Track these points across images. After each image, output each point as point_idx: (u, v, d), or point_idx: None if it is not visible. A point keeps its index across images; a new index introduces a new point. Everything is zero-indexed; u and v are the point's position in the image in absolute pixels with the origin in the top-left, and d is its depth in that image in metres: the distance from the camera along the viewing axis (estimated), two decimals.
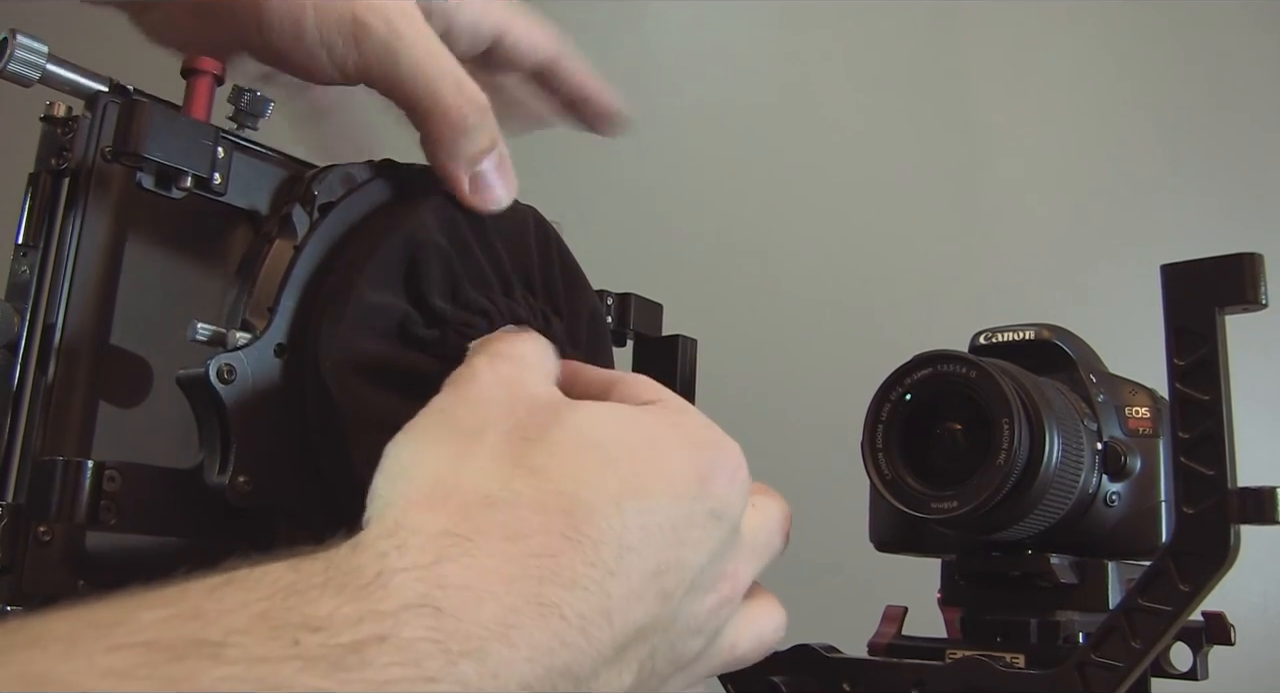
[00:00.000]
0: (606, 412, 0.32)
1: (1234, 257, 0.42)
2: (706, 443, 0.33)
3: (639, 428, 0.32)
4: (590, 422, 0.31)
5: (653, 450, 0.31)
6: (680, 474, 0.31)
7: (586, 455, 0.30)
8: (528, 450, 0.30)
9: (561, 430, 0.31)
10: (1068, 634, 0.51)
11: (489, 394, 0.32)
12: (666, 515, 0.30)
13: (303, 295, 0.38)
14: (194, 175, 0.39)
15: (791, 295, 1.28)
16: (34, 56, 0.38)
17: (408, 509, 0.28)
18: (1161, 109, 1.29)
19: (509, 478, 0.29)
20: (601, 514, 0.29)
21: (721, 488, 0.33)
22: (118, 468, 0.35)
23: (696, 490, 0.32)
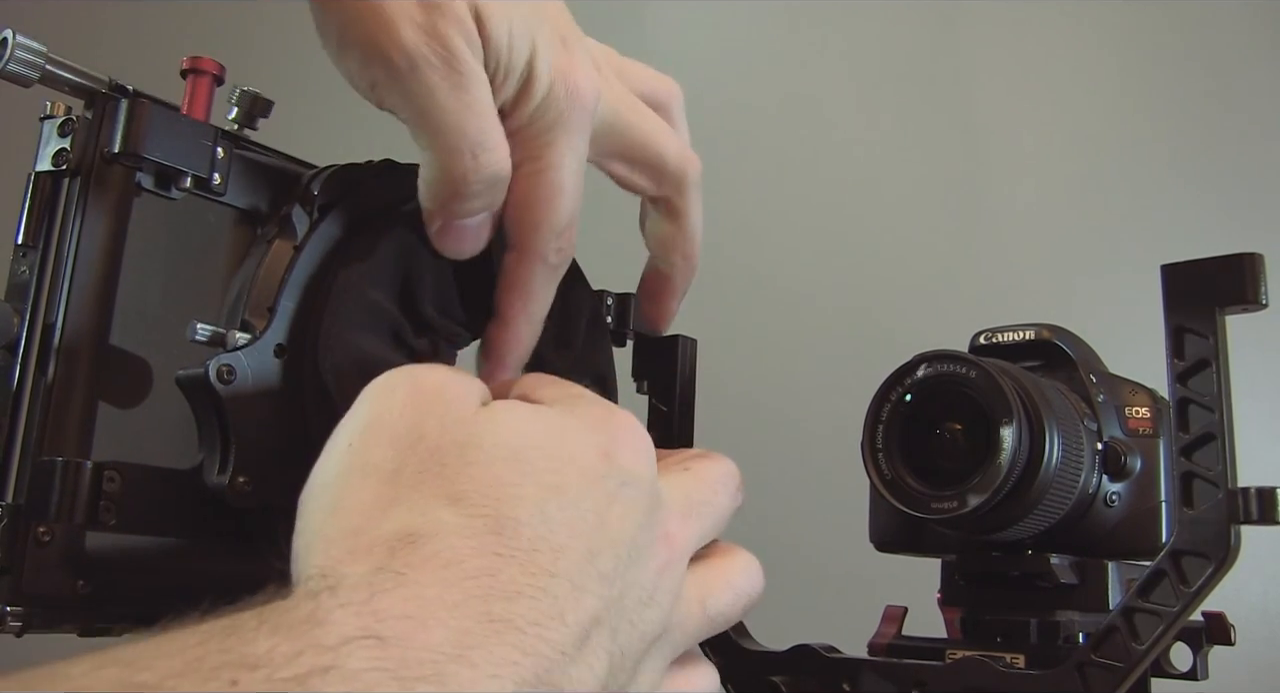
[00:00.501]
0: (513, 418, 0.32)
1: (1234, 257, 0.42)
2: (601, 421, 0.34)
3: (543, 424, 0.32)
4: (502, 433, 0.31)
5: (560, 444, 0.32)
6: (588, 458, 0.32)
7: (503, 470, 0.30)
8: (446, 479, 0.30)
9: (476, 450, 0.30)
10: (1068, 634, 0.51)
11: (403, 426, 0.31)
12: (586, 503, 0.31)
13: (302, 296, 0.38)
14: (193, 175, 0.39)
15: (791, 295, 1.28)
16: (33, 56, 0.38)
17: (334, 564, 0.28)
18: (1162, 109, 1.29)
19: (431, 510, 0.29)
20: (528, 525, 0.29)
21: (626, 459, 0.33)
22: (117, 468, 0.35)
23: (604, 468, 0.32)
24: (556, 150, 0.40)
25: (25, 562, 0.35)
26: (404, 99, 0.37)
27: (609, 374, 0.49)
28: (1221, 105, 1.28)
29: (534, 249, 0.41)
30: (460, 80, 0.36)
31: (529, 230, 0.40)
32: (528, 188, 0.40)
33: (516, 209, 0.40)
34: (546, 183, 0.40)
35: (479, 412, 0.32)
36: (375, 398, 0.32)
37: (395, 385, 0.32)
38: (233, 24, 1.42)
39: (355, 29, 0.36)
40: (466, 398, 0.32)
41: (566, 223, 0.41)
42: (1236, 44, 1.30)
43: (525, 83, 0.38)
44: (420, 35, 0.36)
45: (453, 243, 0.41)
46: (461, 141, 0.37)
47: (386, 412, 0.32)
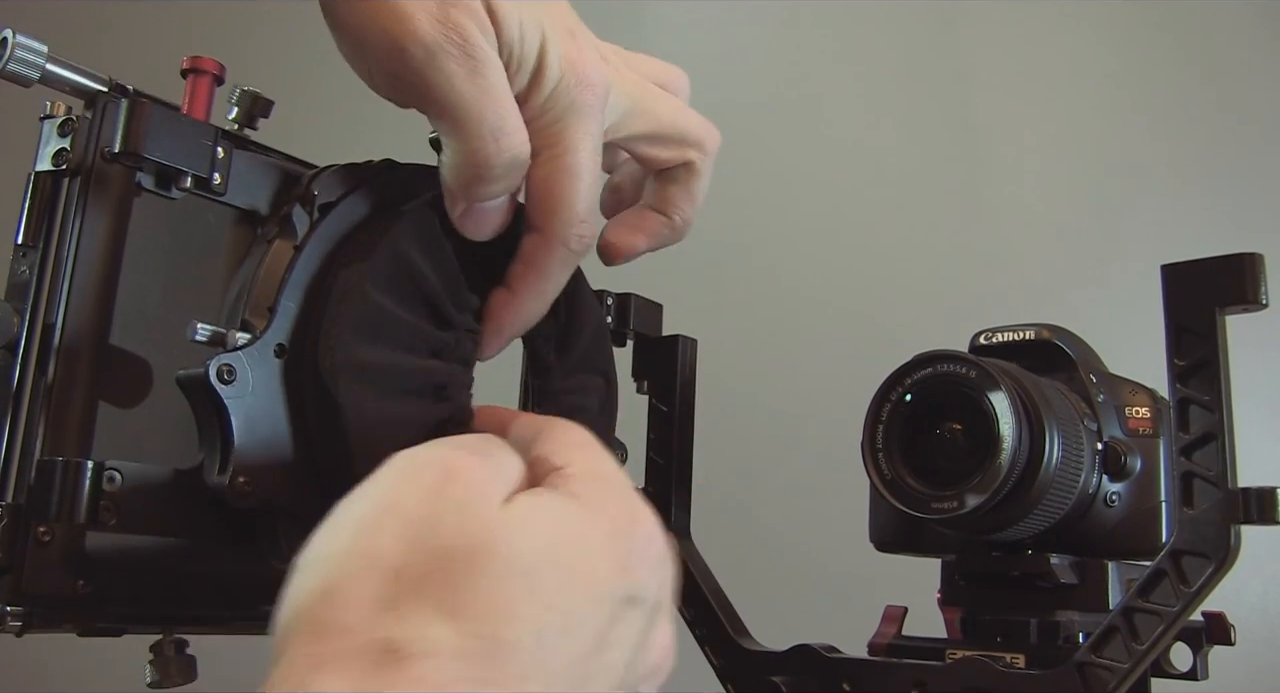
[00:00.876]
0: (535, 524, 0.30)
1: (1234, 257, 0.42)
2: (625, 525, 0.33)
3: (566, 534, 0.31)
4: (519, 544, 0.29)
5: (579, 558, 0.30)
6: (602, 574, 0.31)
7: (511, 587, 0.29)
8: (450, 588, 0.28)
9: (489, 560, 0.29)
10: (1068, 634, 0.51)
11: (419, 516, 0.30)
12: (588, 626, 0.30)
13: (303, 296, 0.38)
14: (193, 175, 0.39)
15: (791, 295, 1.28)
16: (33, 56, 0.38)
17: (314, 668, 0.27)
18: (1162, 109, 1.29)
19: (428, 624, 0.27)
20: (525, 650, 0.28)
21: (640, 573, 0.32)
22: (117, 468, 0.35)
23: (616, 584, 0.31)
24: (571, 136, 0.41)
25: (25, 562, 0.35)
26: (424, 89, 0.38)
27: (605, 376, 0.49)
28: (1221, 105, 1.28)
29: (555, 233, 0.42)
30: (477, 66, 0.37)
31: (550, 214, 0.41)
32: (546, 173, 0.41)
33: (537, 194, 0.41)
34: (564, 168, 0.41)
35: (501, 511, 0.30)
36: (400, 476, 0.31)
37: (422, 467, 0.31)
38: (233, 24, 1.42)
39: (372, 26, 0.37)
40: (492, 491, 0.31)
41: (587, 208, 0.42)
42: (1236, 44, 1.30)
43: (537, 72, 0.39)
44: (436, 26, 0.36)
45: (474, 225, 0.42)
46: (482, 126, 0.38)
47: (406, 496, 0.30)
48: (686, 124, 0.47)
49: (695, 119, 0.47)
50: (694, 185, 0.48)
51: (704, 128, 0.48)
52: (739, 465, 1.08)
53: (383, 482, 0.31)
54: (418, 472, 0.31)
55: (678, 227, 0.49)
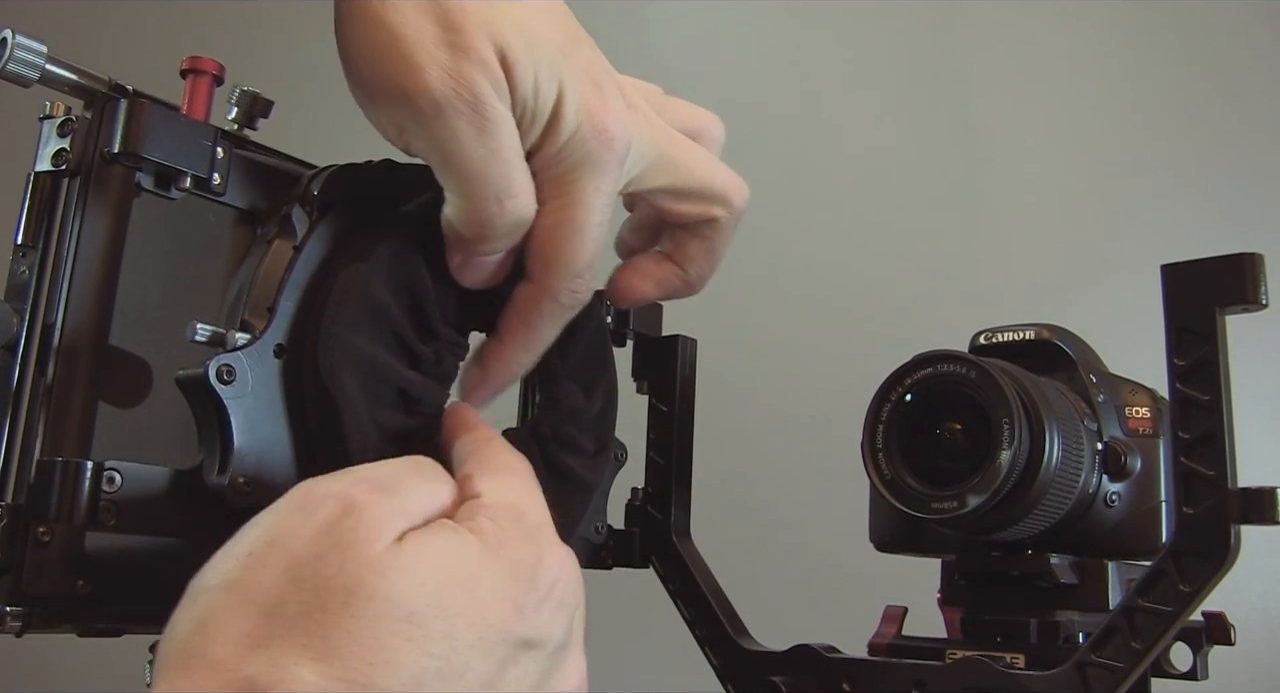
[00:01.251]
0: (422, 565, 0.29)
1: (1234, 257, 0.42)
2: (527, 566, 0.31)
3: (454, 574, 0.30)
4: (400, 585, 0.28)
5: (467, 599, 0.29)
6: (494, 617, 0.30)
7: (392, 632, 0.28)
8: (324, 628, 0.27)
9: (366, 602, 0.28)
10: (1068, 634, 0.51)
11: (305, 553, 0.29)
12: (474, 672, 0.29)
13: (302, 296, 0.38)
14: (193, 176, 0.39)
15: (791, 295, 1.28)
16: (33, 56, 0.38)
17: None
18: (1162, 109, 1.29)
19: (293, 665, 0.27)
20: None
21: (541, 617, 0.31)
22: (117, 469, 0.35)
23: (510, 627, 0.30)
24: (580, 191, 0.39)
25: (25, 562, 0.35)
26: (429, 144, 0.37)
27: (606, 377, 0.49)
28: (1221, 105, 1.28)
29: (548, 285, 0.41)
30: (486, 125, 0.36)
31: (546, 266, 0.40)
32: (550, 226, 0.40)
33: (537, 244, 0.40)
34: (568, 221, 0.39)
35: (387, 552, 0.29)
36: (295, 509, 0.30)
37: (320, 501, 0.30)
38: (233, 24, 1.42)
39: (381, 74, 0.36)
40: (384, 529, 0.30)
41: (585, 264, 0.40)
42: (1237, 44, 1.30)
43: (551, 124, 0.38)
44: (446, 80, 0.35)
45: (472, 276, 0.41)
46: (486, 187, 0.37)
47: (298, 530, 0.29)
48: (712, 180, 0.45)
49: (724, 175, 0.46)
50: (716, 242, 0.47)
51: (732, 184, 0.46)
52: (739, 465, 1.08)
53: (278, 513, 0.30)
54: (314, 506, 0.30)
55: (691, 282, 0.48)
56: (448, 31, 0.36)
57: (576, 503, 0.46)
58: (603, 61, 0.40)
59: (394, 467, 0.33)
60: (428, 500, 0.32)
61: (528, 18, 0.37)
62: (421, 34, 0.36)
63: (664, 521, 0.55)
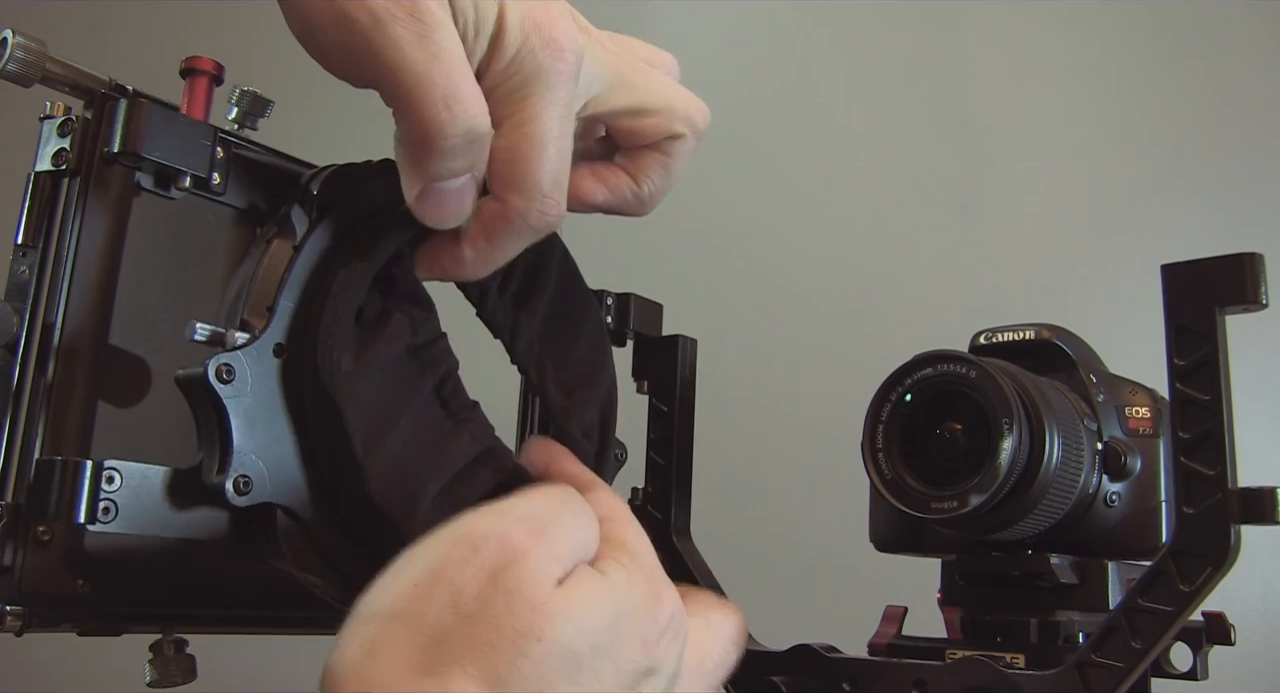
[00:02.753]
0: (581, 609, 0.32)
1: (1234, 257, 0.42)
2: (651, 602, 0.35)
3: (603, 615, 0.33)
4: (565, 630, 0.31)
5: (614, 637, 0.33)
6: (631, 650, 0.33)
7: (550, 669, 0.31)
8: (492, 662, 0.30)
9: (535, 645, 0.31)
10: (1068, 634, 0.51)
11: (471, 591, 0.31)
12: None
13: (302, 295, 0.38)
14: (192, 175, 0.39)
15: (791, 295, 1.28)
16: (33, 57, 0.38)
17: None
18: (1161, 109, 1.29)
19: (467, 684, 0.29)
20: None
21: (662, 649, 0.34)
22: (117, 468, 0.35)
23: (640, 659, 0.33)
24: (535, 105, 0.38)
25: (25, 561, 0.35)
26: (371, 58, 0.36)
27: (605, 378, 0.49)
28: (1221, 105, 1.28)
29: (514, 205, 0.39)
30: (425, 30, 0.35)
31: (510, 185, 0.39)
32: (508, 144, 0.38)
33: (498, 163, 0.39)
34: (525, 137, 0.38)
35: (550, 596, 0.32)
36: (458, 547, 0.32)
37: (482, 542, 0.32)
38: (233, 24, 1.42)
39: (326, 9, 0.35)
40: (544, 576, 0.32)
41: (550, 182, 0.39)
42: (1236, 44, 1.30)
43: (496, 36, 0.37)
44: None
45: (433, 209, 0.39)
46: (432, 91, 0.36)
47: (464, 568, 0.32)
48: (673, 99, 0.44)
49: (684, 94, 0.44)
50: (675, 160, 0.45)
51: (693, 104, 0.45)
52: (739, 465, 1.08)
53: (440, 547, 0.32)
54: (477, 544, 0.32)
55: (644, 197, 0.45)
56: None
57: None
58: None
59: (549, 504, 0.35)
60: (577, 542, 0.35)
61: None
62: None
63: (664, 520, 0.55)
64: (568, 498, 0.36)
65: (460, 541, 0.32)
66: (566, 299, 0.47)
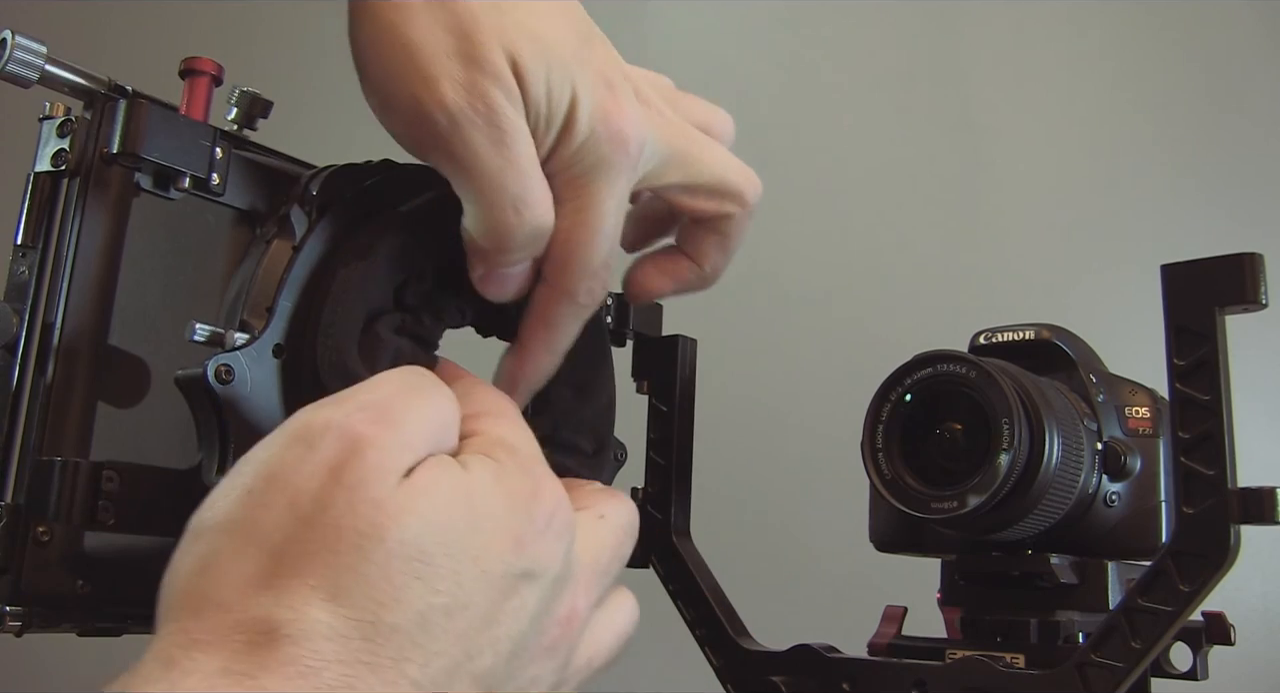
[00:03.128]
0: (430, 502, 0.29)
1: (1234, 257, 0.42)
2: (524, 499, 0.32)
3: (460, 509, 0.30)
4: (410, 527, 0.29)
5: (472, 535, 0.30)
6: (496, 549, 0.30)
7: (397, 573, 0.28)
8: (334, 569, 0.28)
9: (383, 545, 0.28)
10: (1068, 634, 0.51)
11: (309, 491, 0.28)
12: (476, 605, 0.30)
13: (301, 296, 0.38)
14: (192, 176, 0.39)
15: (791, 295, 1.28)
16: (33, 57, 0.38)
17: (186, 645, 0.27)
18: (1161, 109, 1.29)
19: (305, 605, 0.27)
20: (405, 632, 0.28)
21: (539, 548, 0.31)
22: (116, 468, 0.35)
23: (511, 560, 0.30)
24: (594, 192, 0.39)
25: (25, 562, 0.35)
26: (445, 155, 0.37)
27: (604, 378, 0.49)
28: (1221, 105, 1.28)
29: (564, 286, 0.41)
30: (502, 136, 0.36)
31: (561, 267, 0.41)
32: (565, 228, 0.40)
33: (553, 246, 0.40)
34: (582, 224, 0.40)
35: (395, 493, 0.29)
36: (294, 442, 0.30)
37: (320, 434, 0.29)
38: (233, 24, 1.42)
39: (398, 87, 0.36)
40: (390, 467, 0.29)
41: (600, 264, 0.41)
42: (1236, 44, 1.30)
43: (565, 129, 0.38)
44: (461, 93, 0.35)
45: (495, 288, 0.41)
46: (504, 197, 0.37)
47: (299, 466, 0.29)
48: (725, 175, 0.45)
49: (736, 169, 0.46)
50: (730, 237, 0.47)
51: (745, 179, 0.46)
52: (739, 465, 1.08)
53: (275, 447, 0.30)
54: (314, 438, 0.29)
55: (707, 276, 0.48)
56: (460, 40, 0.36)
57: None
58: (615, 59, 0.40)
59: (393, 387, 0.32)
60: (430, 428, 0.32)
61: (538, 21, 0.37)
62: (434, 44, 0.35)
63: (664, 521, 0.55)
64: (418, 380, 0.33)
65: (296, 437, 0.30)
66: None
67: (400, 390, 0.32)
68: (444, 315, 0.43)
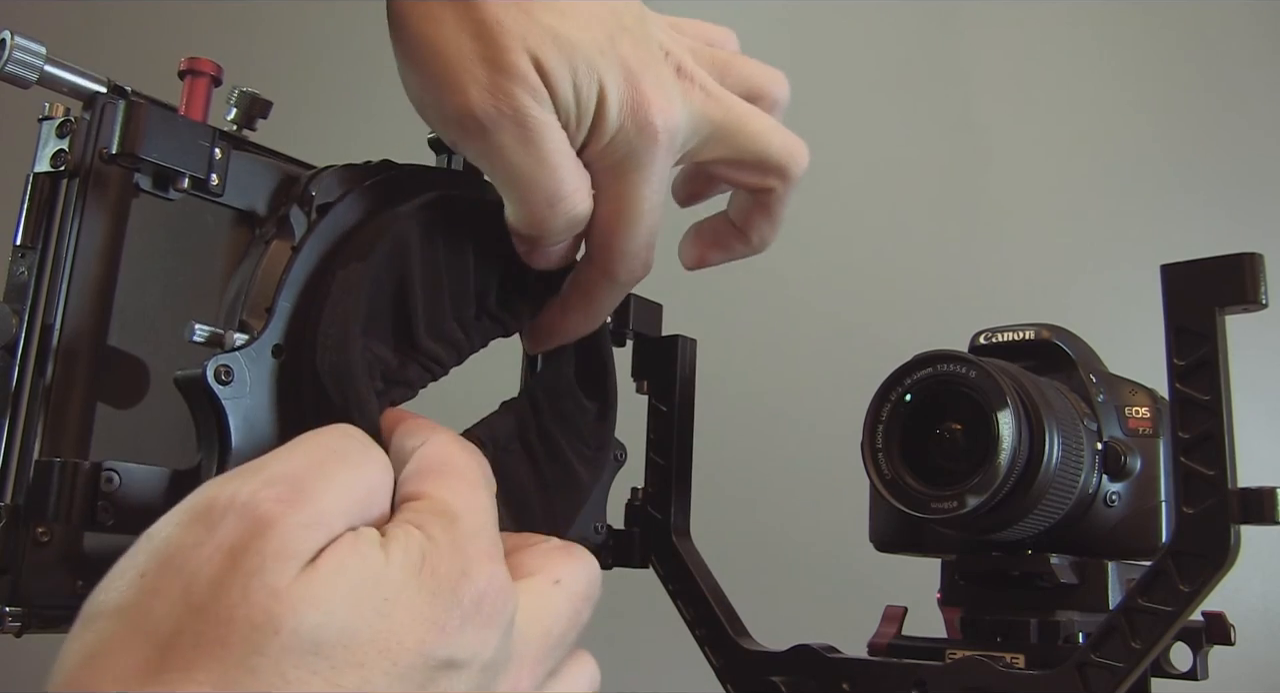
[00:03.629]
0: (331, 593, 0.27)
1: (1234, 257, 0.42)
2: (451, 580, 0.29)
3: (369, 599, 0.27)
4: (308, 618, 0.26)
5: (379, 626, 0.27)
6: (411, 640, 0.28)
7: (297, 666, 0.26)
8: (227, 667, 0.25)
9: (277, 638, 0.26)
10: (1068, 634, 0.51)
11: (204, 578, 0.26)
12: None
13: (300, 296, 0.38)
14: (191, 176, 0.39)
15: (791, 295, 1.28)
16: (32, 58, 0.38)
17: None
18: (1161, 109, 1.29)
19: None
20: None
21: (464, 634, 0.29)
22: (115, 469, 0.35)
23: (430, 649, 0.28)
24: (630, 182, 0.41)
25: (24, 562, 0.35)
26: (479, 156, 0.39)
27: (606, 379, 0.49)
28: (1221, 105, 1.28)
29: (605, 268, 0.43)
30: (530, 136, 0.37)
31: (604, 251, 0.42)
32: (604, 214, 0.41)
33: (595, 231, 0.42)
34: (621, 212, 0.41)
35: (296, 579, 0.27)
36: (195, 521, 0.27)
37: (222, 513, 0.27)
38: (233, 24, 1.42)
39: (430, 94, 0.38)
40: (294, 552, 0.27)
41: (640, 247, 0.42)
42: (1236, 44, 1.30)
43: (596, 122, 0.39)
44: (487, 97, 0.37)
45: (541, 262, 0.43)
46: (537, 194, 0.39)
47: (196, 550, 0.27)
48: (769, 149, 0.45)
49: (780, 143, 0.46)
50: (774, 210, 0.48)
51: (788, 152, 0.46)
52: (739, 465, 1.08)
53: (173, 525, 0.28)
54: (215, 519, 0.27)
55: (754, 245, 0.49)
56: (484, 46, 0.36)
57: (573, 501, 0.46)
58: (648, 43, 0.41)
59: (310, 456, 0.30)
60: (350, 497, 0.30)
61: (562, 21, 0.38)
62: (460, 50, 0.37)
63: (664, 521, 0.55)
64: (341, 443, 0.31)
65: (196, 516, 0.27)
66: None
67: (318, 460, 0.30)
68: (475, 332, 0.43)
